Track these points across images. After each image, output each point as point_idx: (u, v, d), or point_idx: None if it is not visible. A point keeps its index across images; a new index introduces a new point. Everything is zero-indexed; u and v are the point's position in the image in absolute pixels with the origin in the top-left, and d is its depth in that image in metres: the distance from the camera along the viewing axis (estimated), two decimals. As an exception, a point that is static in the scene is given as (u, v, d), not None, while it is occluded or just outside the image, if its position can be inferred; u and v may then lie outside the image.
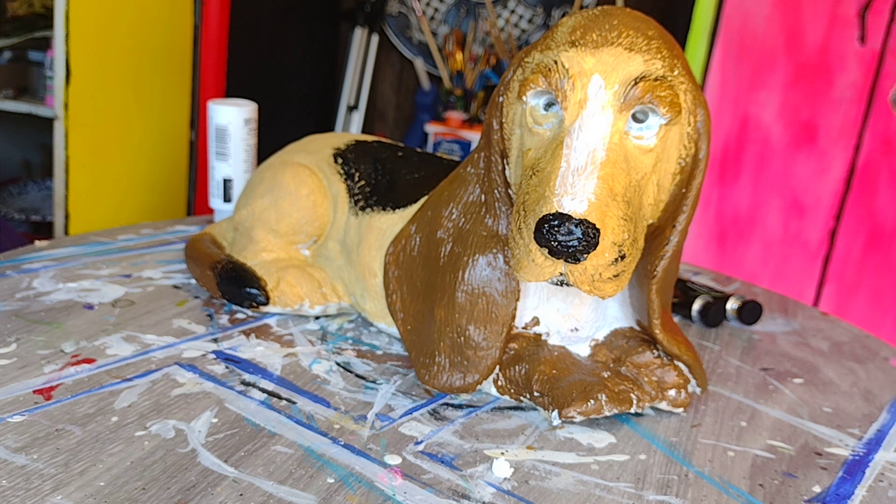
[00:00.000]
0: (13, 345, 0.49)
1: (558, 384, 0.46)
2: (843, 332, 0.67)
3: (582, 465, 0.43)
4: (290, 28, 2.17)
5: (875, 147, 1.41)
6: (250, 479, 0.38)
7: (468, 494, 0.39)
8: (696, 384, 0.50)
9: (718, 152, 1.52)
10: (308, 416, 0.45)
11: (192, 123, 1.72)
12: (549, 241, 0.39)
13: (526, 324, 0.50)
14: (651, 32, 0.43)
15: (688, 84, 0.44)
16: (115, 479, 0.37)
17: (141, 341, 0.51)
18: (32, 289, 0.57)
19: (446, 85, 2.24)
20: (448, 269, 0.50)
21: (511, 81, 0.47)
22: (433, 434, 0.44)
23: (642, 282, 0.48)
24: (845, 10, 1.39)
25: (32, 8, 1.54)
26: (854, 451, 0.47)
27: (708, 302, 0.64)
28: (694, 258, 1.56)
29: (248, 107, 0.74)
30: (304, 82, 2.31)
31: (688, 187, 0.46)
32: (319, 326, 0.57)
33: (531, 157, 0.44)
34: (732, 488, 0.42)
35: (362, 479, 0.39)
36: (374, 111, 2.49)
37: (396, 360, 0.53)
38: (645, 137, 0.43)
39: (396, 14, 2.37)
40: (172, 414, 0.43)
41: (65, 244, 0.67)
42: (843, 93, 1.42)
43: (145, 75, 1.54)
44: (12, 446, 0.39)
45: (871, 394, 0.55)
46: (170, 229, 0.75)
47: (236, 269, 0.58)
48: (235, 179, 0.75)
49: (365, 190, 0.58)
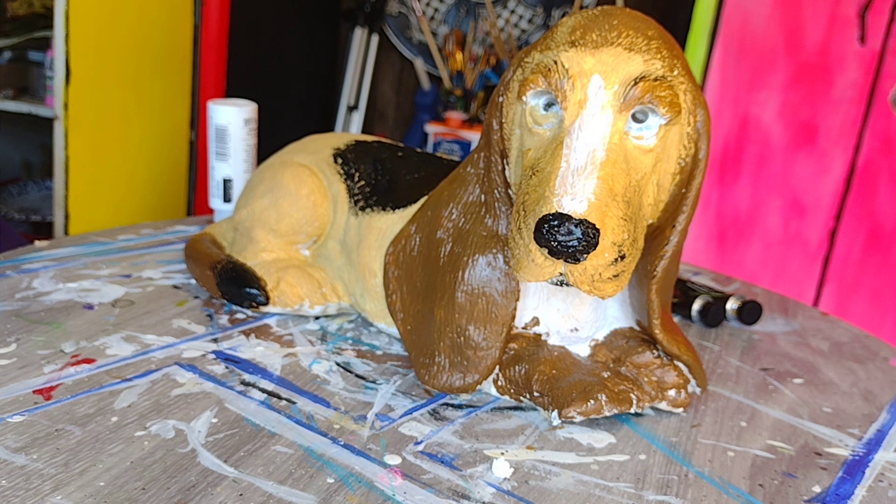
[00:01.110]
0: (13, 345, 0.49)
1: (558, 384, 0.46)
2: (843, 332, 0.67)
3: (582, 465, 0.43)
4: (290, 28, 2.17)
5: (875, 147, 1.41)
6: (250, 479, 0.38)
7: (468, 494, 0.39)
8: (696, 384, 0.50)
9: (718, 152, 1.52)
10: (308, 416, 0.45)
11: (192, 123, 1.72)
12: (548, 241, 0.39)
13: (526, 324, 0.50)
14: (651, 32, 0.43)
15: (687, 84, 0.44)
16: (115, 479, 0.37)
17: (141, 341, 0.51)
18: (32, 289, 0.57)
19: (446, 85, 2.24)
20: (448, 269, 0.50)
21: (511, 81, 0.47)
22: (433, 434, 0.44)
23: (642, 282, 0.48)
24: (845, 10, 1.39)
25: (32, 8, 1.54)
26: (854, 451, 0.47)
27: (708, 302, 0.64)
28: (694, 258, 1.56)
29: (248, 107, 0.74)
30: (304, 82, 2.31)
31: (688, 187, 0.46)
32: (319, 326, 0.57)
33: (531, 157, 0.44)
34: (732, 488, 0.42)
35: (362, 479, 0.39)
36: (374, 111, 2.49)
37: (396, 360, 0.53)
38: (645, 137, 0.43)
39: (396, 14, 2.37)
40: (172, 414, 0.43)
41: (65, 244, 0.67)
42: (843, 93, 1.42)
43: (145, 75, 1.54)
44: (12, 446, 0.39)
45: (870, 394, 0.55)
46: (170, 229, 0.75)
47: (236, 269, 0.58)
48: (235, 179, 0.75)
49: (365, 190, 0.58)
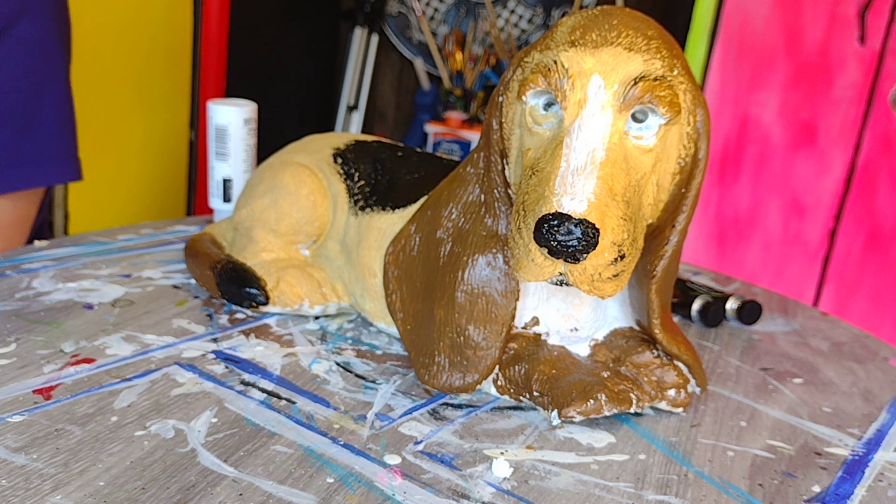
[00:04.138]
0: (13, 345, 0.49)
1: (558, 384, 0.47)
2: (842, 332, 0.67)
3: (581, 464, 0.43)
4: (290, 28, 2.17)
5: (875, 147, 1.41)
6: (250, 479, 0.38)
7: (468, 494, 0.39)
8: (696, 384, 0.50)
9: (718, 152, 1.52)
10: (308, 416, 0.45)
11: (192, 123, 1.72)
12: (548, 240, 0.39)
13: (525, 324, 0.50)
14: (651, 32, 0.43)
15: (687, 84, 0.44)
16: (115, 479, 0.37)
17: (141, 341, 0.51)
18: (32, 289, 0.57)
19: (446, 85, 2.24)
20: (448, 268, 0.50)
21: (511, 81, 0.47)
22: (433, 434, 0.44)
23: (642, 282, 0.48)
24: (845, 10, 1.39)
25: (32, 8, 1.54)
26: (854, 450, 0.47)
27: (707, 302, 0.64)
28: (694, 258, 1.56)
29: (247, 107, 0.74)
30: (304, 82, 2.31)
31: (687, 187, 0.46)
32: (319, 326, 0.57)
33: (531, 156, 0.44)
34: (732, 488, 0.42)
35: (362, 479, 0.39)
36: (374, 111, 2.49)
37: (396, 360, 0.53)
38: (644, 137, 0.43)
39: (396, 14, 2.37)
40: (172, 414, 0.43)
41: (64, 244, 0.67)
42: (842, 93, 1.42)
43: (145, 75, 1.54)
44: (12, 446, 0.39)
45: (870, 394, 0.55)
46: (170, 229, 0.75)
47: (236, 268, 0.58)
48: (235, 179, 0.75)
49: (365, 190, 0.58)
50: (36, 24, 0.75)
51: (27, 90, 0.77)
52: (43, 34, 0.77)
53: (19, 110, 0.77)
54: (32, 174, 0.79)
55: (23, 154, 0.77)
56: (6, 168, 0.77)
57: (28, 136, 0.77)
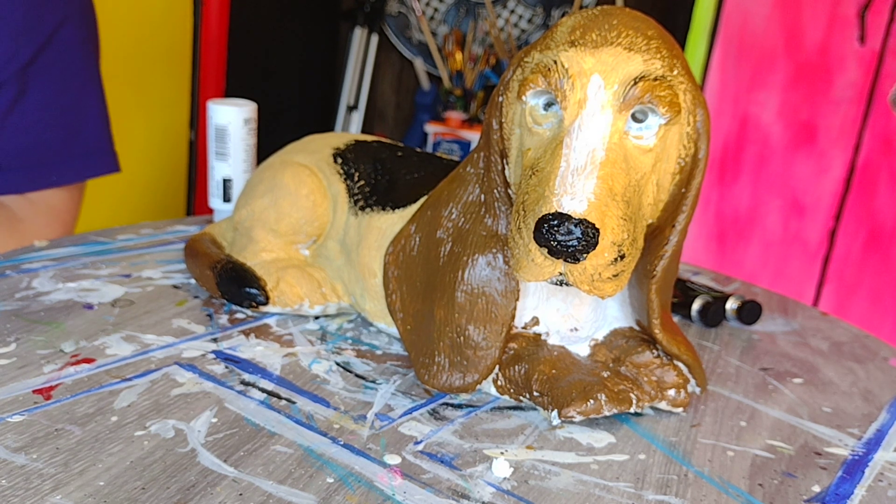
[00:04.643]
0: (13, 345, 0.49)
1: (558, 384, 0.47)
2: (842, 332, 0.67)
3: (581, 464, 0.43)
4: (290, 28, 2.17)
5: (875, 147, 1.41)
6: (250, 479, 0.38)
7: (468, 494, 0.39)
8: (696, 384, 0.50)
9: (718, 152, 1.52)
10: (308, 416, 0.45)
11: (192, 123, 1.72)
12: (548, 240, 0.39)
13: (525, 324, 0.50)
14: (650, 32, 0.43)
15: (687, 84, 0.44)
16: (115, 479, 0.37)
17: (140, 341, 0.51)
18: (32, 289, 0.57)
19: (446, 85, 2.24)
20: (448, 268, 0.50)
21: (510, 81, 0.47)
22: (433, 434, 0.44)
23: (642, 282, 0.48)
24: (845, 10, 1.39)
25: (32, 8, 1.54)
26: (853, 450, 0.47)
27: (707, 302, 0.64)
28: (694, 258, 1.56)
29: (247, 107, 0.74)
30: (304, 82, 2.31)
31: (687, 187, 0.46)
32: (319, 326, 0.57)
33: (531, 156, 0.44)
34: (732, 488, 0.42)
35: (362, 479, 0.39)
36: (374, 111, 2.49)
37: (396, 360, 0.53)
38: (644, 137, 0.43)
39: (396, 14, 2.37)
40: (172, 414, 0.43)
41: (64, 244, 0.67)
42: (842, 93, 1.42)
43: (145, 75, 1.54)
44: (12, 446, 0.39)
45: (870, 394, 0.55)
46: (169, 229, 0.75)
47: (236, 268, 0.58)
48: (235, 179, 0.75)
49: (364, 190, 0.58)
50: (77, 29, 0.82)
51: (75, 90, 0.83)
52: (84, 38, 0.84)
53: (70, 108, 0.83)
54: (84, 167, 0.86)
55: (76, 149, 0.84)
56: (62, 162, 0.83)
57: (78, 132, 0.84)
